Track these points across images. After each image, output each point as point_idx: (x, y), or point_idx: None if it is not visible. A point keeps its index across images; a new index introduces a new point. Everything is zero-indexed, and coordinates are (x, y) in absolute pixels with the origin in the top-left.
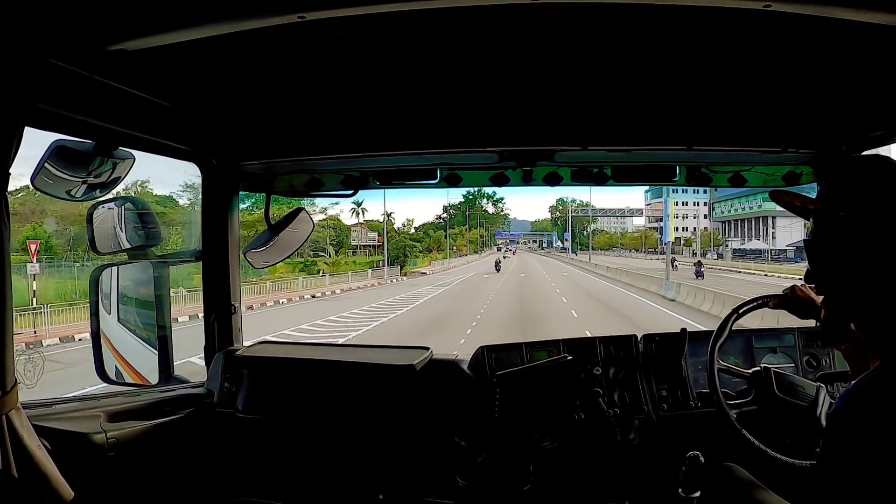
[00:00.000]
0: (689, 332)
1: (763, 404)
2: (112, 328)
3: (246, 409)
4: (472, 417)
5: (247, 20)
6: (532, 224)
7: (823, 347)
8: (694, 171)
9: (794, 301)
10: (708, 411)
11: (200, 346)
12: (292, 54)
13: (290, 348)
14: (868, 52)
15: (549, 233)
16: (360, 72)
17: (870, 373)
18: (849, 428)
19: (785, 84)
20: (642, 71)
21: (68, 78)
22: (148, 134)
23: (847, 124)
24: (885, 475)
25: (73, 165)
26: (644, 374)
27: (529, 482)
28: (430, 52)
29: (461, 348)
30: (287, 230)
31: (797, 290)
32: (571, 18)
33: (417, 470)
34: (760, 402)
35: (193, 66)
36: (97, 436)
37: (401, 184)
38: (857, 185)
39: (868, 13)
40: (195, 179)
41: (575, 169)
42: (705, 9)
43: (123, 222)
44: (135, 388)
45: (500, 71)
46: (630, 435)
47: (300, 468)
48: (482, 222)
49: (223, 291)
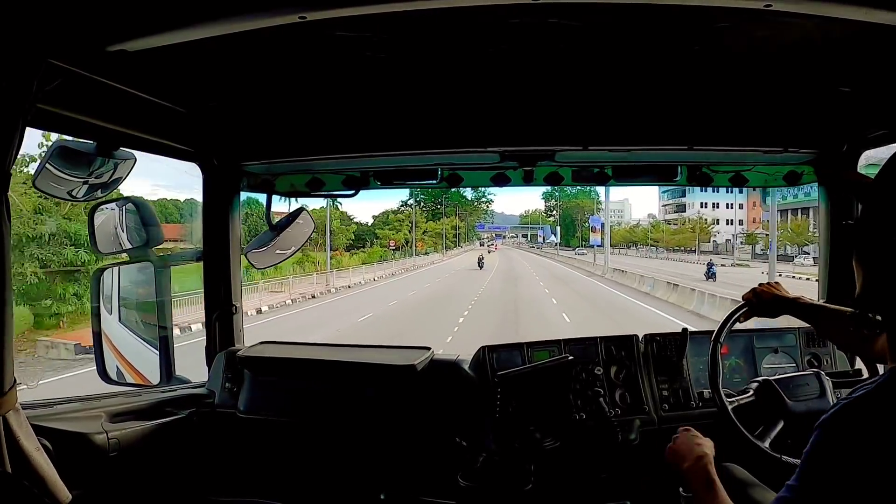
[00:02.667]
0: (691, 332)
1: (783, 419)
2: (113, 328)
3: (247, 409)
4: (473, 417)
5: (247, 20)
6: (521, 218)
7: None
8: (695, 171)
9: (760, 303)
10: (709, 411)
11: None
12: (293, 54)
13: (290, 348)
14: (868, 51)
15: (541, 226)
16: (361, 72)
17: (883, 376)
18: (860, 428)
19: (786, 84)
20: (643, 71)
21: (69, 78)
22: (149, 134)
23: (848, 124)
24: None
25: (74, 166)
26: (645, 374)
27: (531, 482)
28: (430, 52)
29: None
30: (288, 230)
31: (759, 291)
32: (572, 18)
33: (418, 470)
34: (779, 418)
35: (194, 67)
36: (98, 436)
37: (401, 184)
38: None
39: (868, 13)
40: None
41: (576, 169)
42: (705, 8)
43: (124, 223)
44: (136, 388)
45: (501, 71)
46: (631, 435)
47: (301, 468)
48: (458, 210)
49: (224, 292)
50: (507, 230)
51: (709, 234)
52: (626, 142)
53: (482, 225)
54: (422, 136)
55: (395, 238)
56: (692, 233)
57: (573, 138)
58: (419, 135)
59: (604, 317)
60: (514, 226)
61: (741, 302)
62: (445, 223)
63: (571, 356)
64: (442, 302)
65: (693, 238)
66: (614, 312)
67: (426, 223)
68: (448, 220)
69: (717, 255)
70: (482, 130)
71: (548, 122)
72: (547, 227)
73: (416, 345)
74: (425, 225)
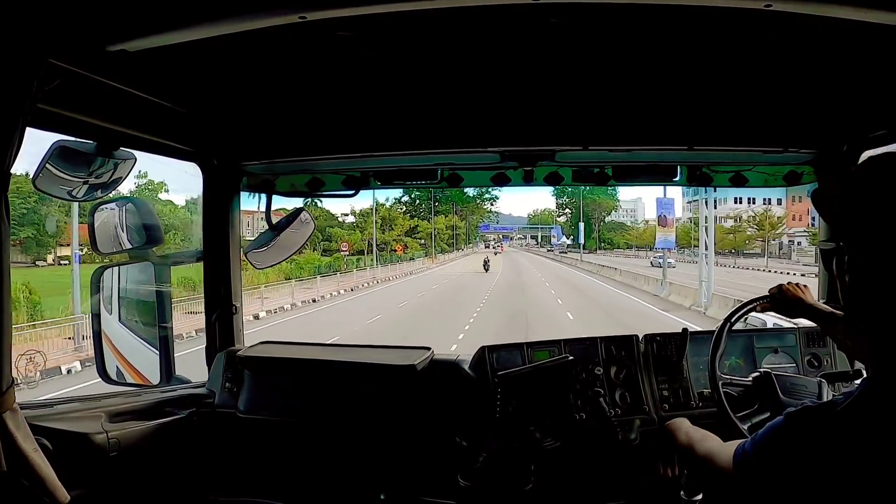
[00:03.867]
0: (690, 332)
1: (770, 411)
2: (113, 328)
3: (247, 410)
4: (473, 417)
5: (248, 20)
6: (528, 218)
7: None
8: (695, 171)
9: (783, 301)
10: (709, 411)
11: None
12: (293, 54)
13: (290, 348)
14: (868, 51)
15: (552, 226)
16: (362, 72)
17: (859, 387)
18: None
19: (786, 84)
20: (643, 71)
21: (69, 78)
22: (149, 134)
23: (848, 124)
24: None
25: (74, 166)
26: (645, 374)
27: (531, 482)
28: (430, 52)
29: None
30: (288, 230)
31: (785, 289)
32: (572, 18)
33: (418, 470)
34: (766, 409)
35: (194, 67)
36: (98, 436)
37: (402, 184)
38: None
39: (868, 13)
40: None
41: (576, 169)
42: (706, 8)
43: (125, 223)
44: (136, 388)
45: (501, 71)
46: (631, 435)
47: (301, 468)
48: (456, 208)
49: (224, 292)
50: (514, 231)
51: (780, 233)
52: (626, 142)
53: (487, 226)
54: (422, 136)
55: (350, 240)
56: (759, 231)
57: (573, 138)
58: (419, 135)
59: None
60: (522, 226)
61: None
62: (438, 222)
63: (571, 356)
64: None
65: (756, 237)
66: None
67: (408, 221)
68: (443, 219)
69: (781, 260)
70: (482, 130)
71: (548, 121)
72: (558, 228)
73: (415, 345)
74: (407, 223)
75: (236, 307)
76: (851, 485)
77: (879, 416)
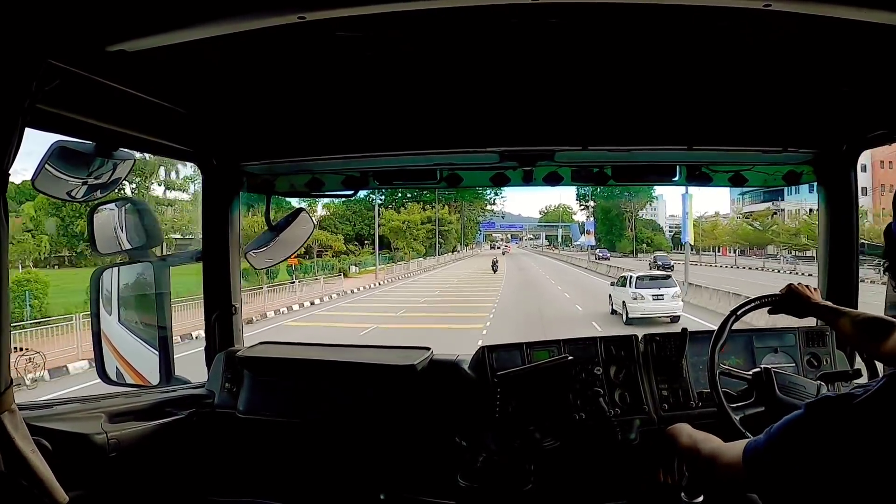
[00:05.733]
0: (690, 332)
1: (765, 406)
2: (113, 329)
3: (247, 410)
4: (472, 418)
5: (247, 21)
6: (541, 215)
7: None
8: (694, 171)
9: (792, 301)
10: (709, 411)
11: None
12: (293, 55)
13: (290, 349)
14: (868, 51)
15: (573, 224)
16: (361, 72)
17: (880, 380)
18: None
19: (785, 84)
20: (642, 71)
21: (68, 78)
22: (149, 135)
23: (847, 124)
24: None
25: (73, 166)
26: (645, 373)
27: (530, 482)
28: (430, 52)
29: None
30: (287, 231)
31: (794, 289)
32: (571, 18)
33: (418, 470)
34: (762, 404)
35: (194, 67)
36: (98, 436)
37: (401, 184)
38: None
39: (868, 13)
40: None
41: (575, 169)
42: (705, 8)
43: (124, 223)
44: (135, 388)
45: (501, 71)
46: (631, 435)
47: (301, 468)
48: (452, 201)
49: (224, 292)
50: (523, 229)
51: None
52: (626, 142)
53: (492, 223)
54: (421, 136)
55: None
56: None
57: (572, 138)
58: (419, 135)
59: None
60: (533, 225)
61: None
62: (414, 215)
63: (571, 356)
64: None
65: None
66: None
67: (388, 212)
68: (416, 207)
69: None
70: (481, 130)
71: (547, 122)
72: (575, 226)
73: (416, 345)
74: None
75: (236, 307)
76: (868, 476)
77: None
